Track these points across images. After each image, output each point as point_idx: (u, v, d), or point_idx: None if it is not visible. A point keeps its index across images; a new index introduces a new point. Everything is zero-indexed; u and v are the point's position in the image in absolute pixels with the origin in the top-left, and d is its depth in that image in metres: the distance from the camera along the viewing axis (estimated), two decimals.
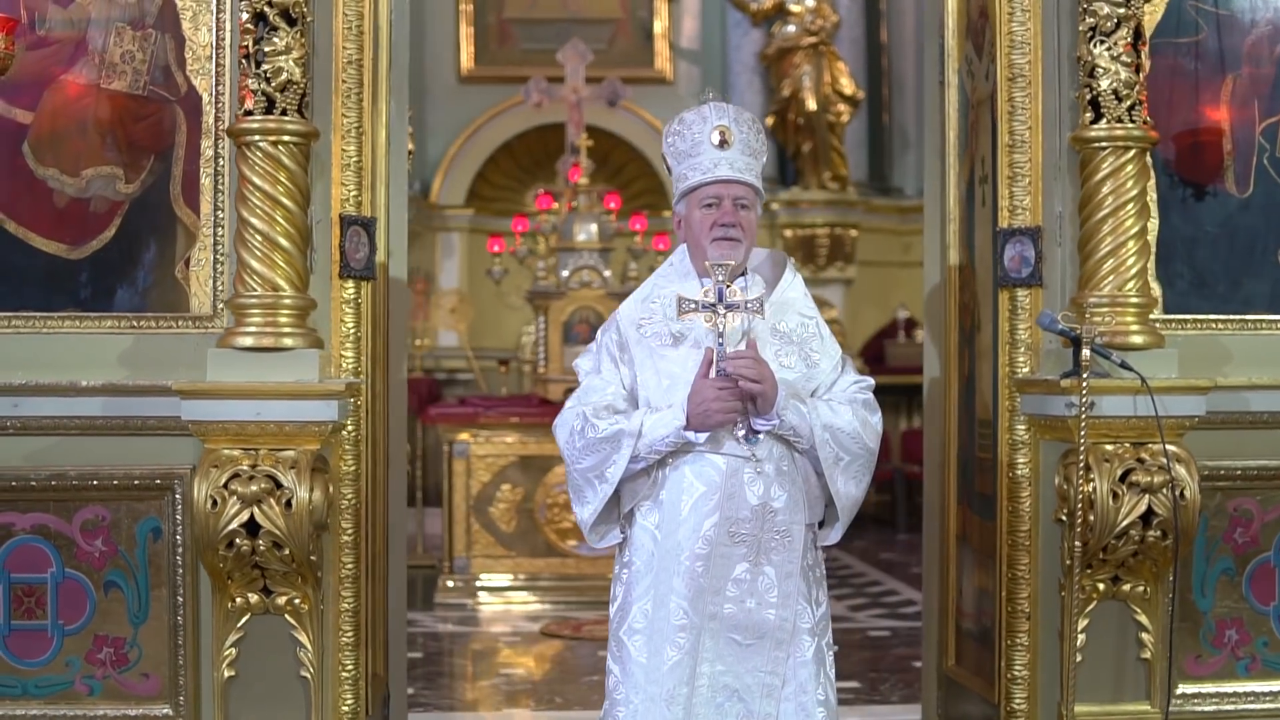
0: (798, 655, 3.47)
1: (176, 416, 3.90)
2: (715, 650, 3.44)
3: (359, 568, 4.12)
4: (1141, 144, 4.02)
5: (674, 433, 3.39)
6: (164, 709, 4.10)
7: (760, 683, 3.45)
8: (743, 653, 3.45)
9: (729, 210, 3.50)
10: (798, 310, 3.63)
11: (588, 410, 3.46)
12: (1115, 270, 3.99)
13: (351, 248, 4.06)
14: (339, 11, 4.08)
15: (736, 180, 3.52)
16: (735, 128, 3.53)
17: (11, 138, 4.21)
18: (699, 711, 3.43)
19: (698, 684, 3.43)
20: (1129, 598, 4.06)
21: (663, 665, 3.42)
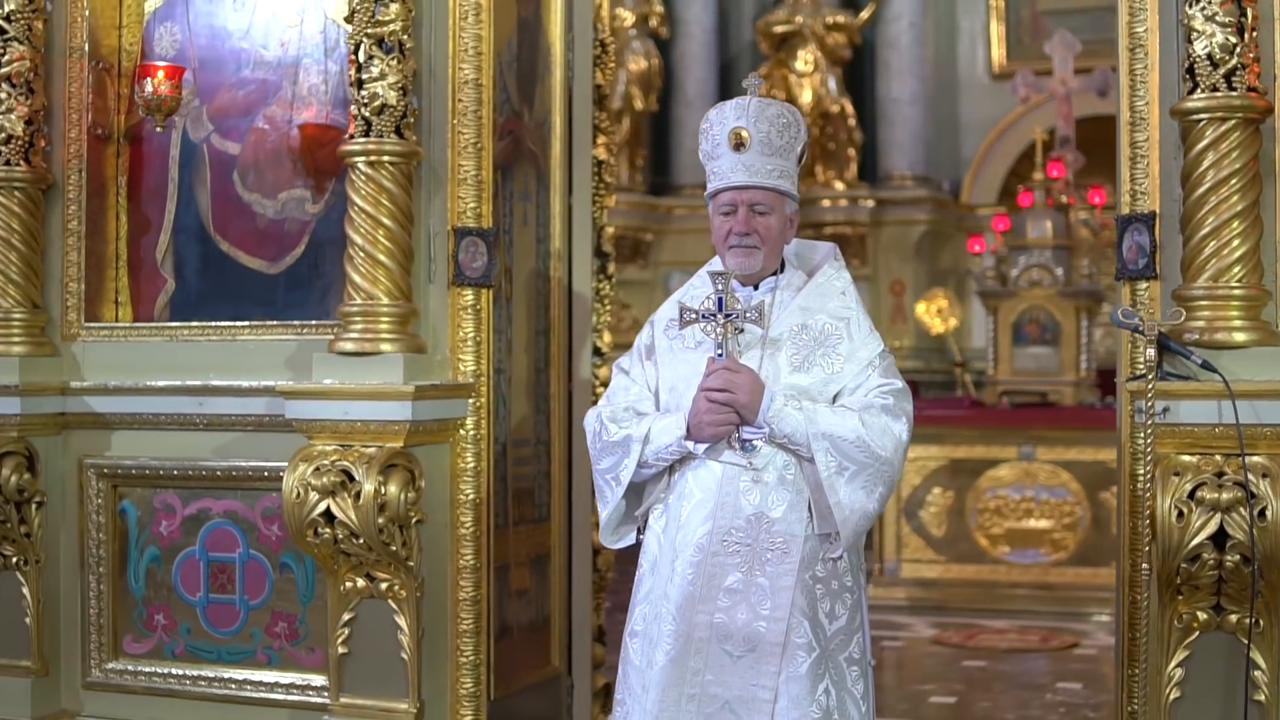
0: (790, 670, 3.59)
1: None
2: (705, 659, 3.63)
3: (480, 559, 4.62)
4: (1245, 114, 3.77)
5: (675, 441, 3.69)
6: (323, 680, 4.80)
7: (751, 695, 3.61)
8: (733, 664, 3.61)
9: (743, 219, 3.72)
10: (828, 310, 3.75)
11: (607, 412, 3.81)
12: (1216, 254, 3.85)
13: (467, 258, 4.60)
14: (453, 35, 4.61)
15: (753, 186, 3.69)
16: (753, 127, 3.71)
17: (224, 167, 5.14)
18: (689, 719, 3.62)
19: (688, 692, 3.63)
20: (1238, 630, 3.79)
21: (653, 671, 3.64)
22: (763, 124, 3.71)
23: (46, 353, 5.14)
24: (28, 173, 5.07)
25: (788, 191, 3.74)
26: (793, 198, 3.78)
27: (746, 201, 3.70)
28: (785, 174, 3.74)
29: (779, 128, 3.73)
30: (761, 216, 3.71)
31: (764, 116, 3.72)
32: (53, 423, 5.12)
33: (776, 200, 3.72)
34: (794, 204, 3.80)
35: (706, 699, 3.63)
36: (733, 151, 3.70)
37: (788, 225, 3.80)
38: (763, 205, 3.71)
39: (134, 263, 5.28)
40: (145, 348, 5.11)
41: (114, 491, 5.15)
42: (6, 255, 5.07)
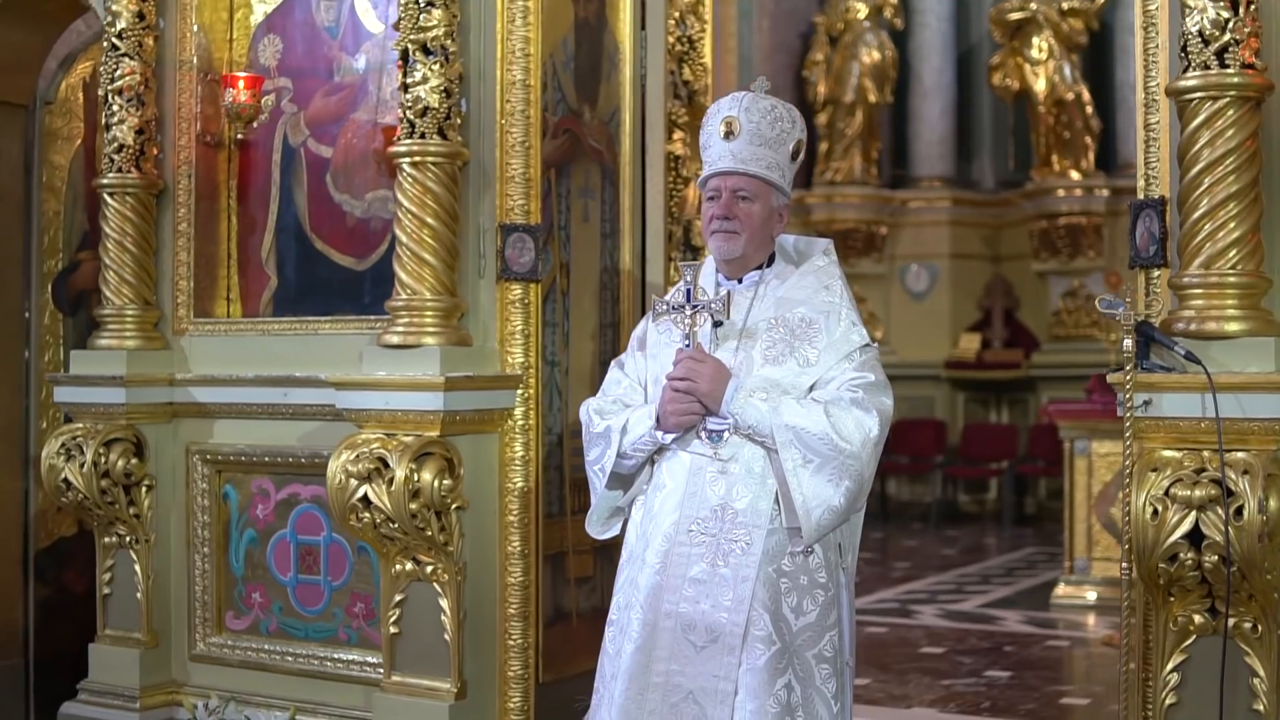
0: (749, 662, 3.63)
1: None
2: (670, 649, 3.70)
3: (528, 546, 4.78)
4: (1239, 91, 3.63)
5: (647, 432, 3.78)
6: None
7: (714, 687, 3.65)
8: (696, 655, 3.67)
9: (725, 203, 3.79)
10: (809, 303, 3.78)
11: (595, 404, 3.95)
12: (1211, 237, 3.72)
13: (514, 253, 4.77)
14: (501, 38, 4.79)
15: (737, 172, 3.76)
16: (744, 117, 3.79)
17: (318, 170, 5.44)
18: (653, 709, 3.70)
19: (653, 681, 3.71)
20: (1235, 634, 3.64)
21: (622, 659, 3.74)
22: (754, 114, 3.77)
23: (157, 346, 5.54)
24: (139, 179, 5.48)
25: (775, 182, 3.78)
26: (781, 190, 3.81)
27: (730, 187, 3.76)
28: (774, 165, 3.78)
29: (770, 120, 3.78)
30: (744, 202, 3.76)
31: (756, 108, 3.78)
32: (162, 412, 5.52)
33: (762, 189, 3.76)
34: (783, 197, 3.83)
35: (671, 689, 3.68)
36: (722, 140, 3.78)
37: (774, 216, 3.83)
38: (746, 192, 3.75)
39: (243, 261, 5.64)
40: (241, 341, 5.46)
41: (217, 476, 5.51)
42: (120, 256, 5.49)
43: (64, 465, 5.38)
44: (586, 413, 3.93)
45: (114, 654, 5.53)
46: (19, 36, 6.30)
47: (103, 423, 5.42)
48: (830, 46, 14.80)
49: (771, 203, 3.79)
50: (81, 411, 5.52)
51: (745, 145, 3.74)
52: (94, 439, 5.35)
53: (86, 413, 5.49)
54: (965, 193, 14.86)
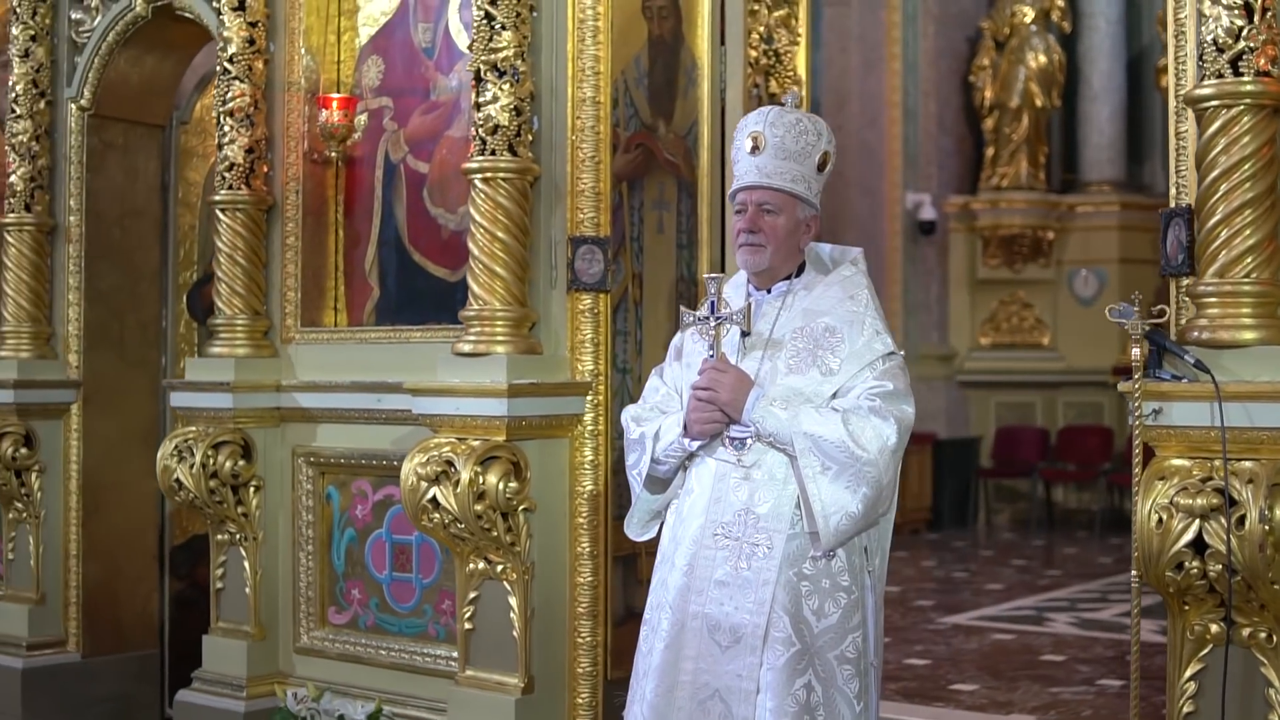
0: (770, 662, 3.75)
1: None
2: (697, 649, 3.85)
3: (597, 548, 4.99)
4: (1254, 99, 3.66)
5: (676, 439, 3.93)
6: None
7: (738, 686, 3.80)
8: (721, 654, 3.81)
9: (751, 217, 3.92)
10: (834, 313, 3.89)
11: (634, 411, 4.13)
12: (1226, 244, 3.74)
13: (584, 265, 4.98)
14: (572, 57, 5.00)
15: (761, 186, 3.89)
16: (769, 131, 3.91)
17: (416, 185, 5.72)
18: (682, 706, 3.86)
19: (681, 679, 3.86)
20: (1251, 644, 3.65)
21: (652, 658, 3.91)
22: (779, 129, 3.88)
23: (266, 354, 5.88)
24: (249, 196, 5.82)
25: (800, 195, 3.88)
26: (807, 202, 3.91)
27: (756, 201, 3.87)
28: (799, 179, 3.88)
29: (795, 134, 3.88)
30: (769, 215, 3.86)
31: (781, 122, 3.89)
32: (269, 416, 5.86)
33: (787, 202, 3.87)
34: (810, 209, 3.93)
35: (698, 687, 3.82)
36: (749, 154, 3.89)
37: (801, 228, 3.93)
38: (771, 205, 3.86)
39: (348, 273, 5.94)
40: (341, 350, 5.76)
41: (321, 478, 5.83)
42: (232, 269, 5.84)
43: (176, 466, 5.75)
44: (626, 420, 4.10)
45: (225, 645, 5.88)
46: (153, 62, 6.75)
47: (213, 426, 5.78)
48: (997, 51, 14.69)
49: (797, 215, 3.90)
50: (194, 415, 5.89)
51: (770, 159, 3.85)
52: (203, 441, 5.71)
53: (199, 416, 5.86)
54: (1135, 197, 14.62)
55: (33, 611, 6.61)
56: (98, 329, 6.74)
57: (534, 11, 5.08)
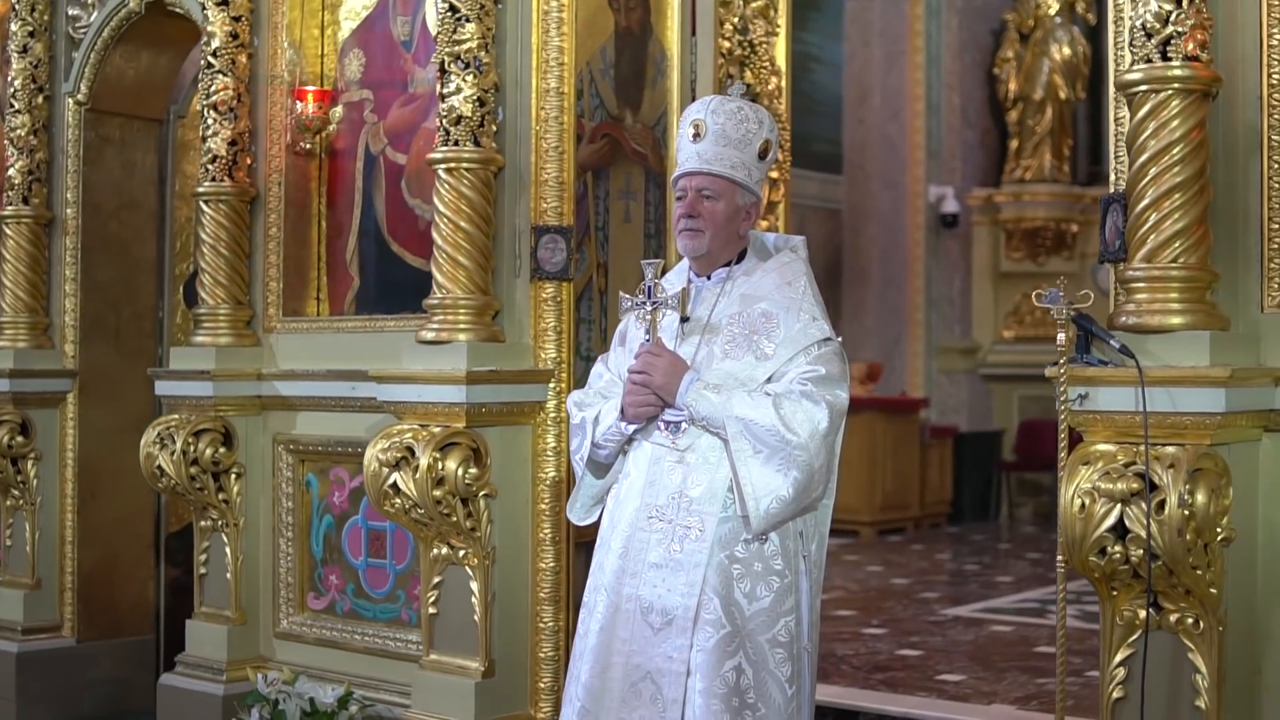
0: (700, 644, 3.77)
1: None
2: (631, 631, 3.87)
3: (559, 534, 5.01)
4: (1183, 84, 3.63)
5: (613, 423, 3.95)
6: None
7: (668, 667, 3.81)
8: (654, 636, 3.83)
9: (689, 202, 3.94)
10: (770, 298, 3.90)
11: (576, 397, 4.17)
12: (1156, 228, 3.72)
13: (547, 254, 5.01)
14: (536, 49, 5.03)
15: (701, 172, 3.91)
16: (711, 118, 3.93)
17: (395, 176, 5.79)
18: (615, 687, 3.87)
19: (614, 660, 3.89)
20: (1178, 629, 3.64)
21: (588, 639, 3.93)
22: (720, 116, 3.89)
23: (248, 343, 5.94)
24: (232, 187, 5.89)
25: (740, 181, 3.87)
26: (748, 189, 3.91)
27: (695, 187, 3.87)
28: (739, 165, 3.88)
29: (735, 121, 3.89)
30: (708, 201, 3.87)
31: (723, 110, 3.90)
32: (251, 404, 5.92)
33: (726, 188, 3.87)
34: (750, 195, 3.93)
35: (631, 669, 3.83)
36: (691, 142, 3.91)
37: (740, 214, 3.93)
38: (710, 191, 3.86)
39: (330, 263, 6.00)
40: (320, 339, 5.82)
41: (301, 465, 5.89)
42: (215, 260, 5.91)
43: (158, 453, 5.82)
44: (569, 405, 4.13)
45: (207, 630, 5.96)
46: (148, 58, 6.84)
47: (195, 414, 5.85)
48: (1021, 43, 14.58)
49: (737, 201, 3.90)
50: (177, 403, 5.96)
51: (710, 146, 3.86)
52: (184, 429, 5.78)
53: (181, 404, 5.94)
54: None
55: (29, 596, 6.72)
56: (94, 319, 6.84)
57: (499, 4, 5.11)
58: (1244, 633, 3.80)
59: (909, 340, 14.41)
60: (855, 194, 14.64)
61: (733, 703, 3.71)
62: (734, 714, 3.71)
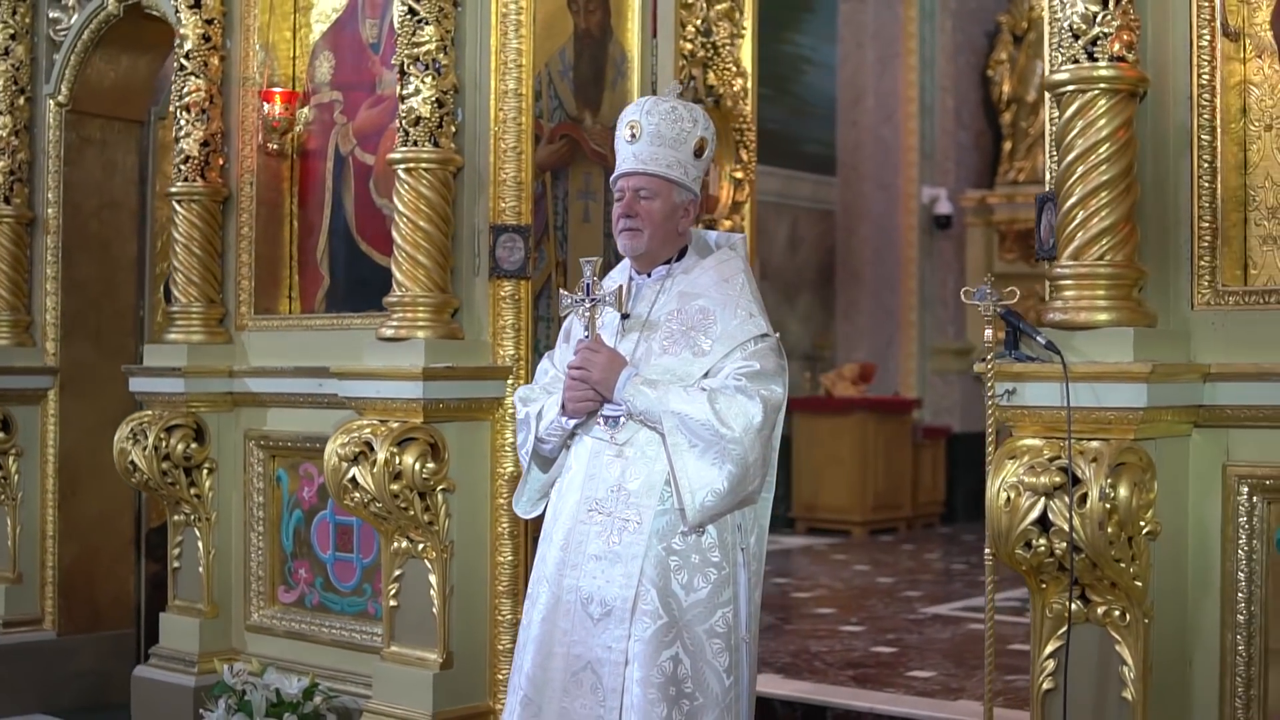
0: (637, 634, 3.82)
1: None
2: (571, 621, 3.93)
3: (518, 527, 5.07)
4: (1109, 84, 3.68)
5: (555, 417, 4.01)
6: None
7: (607, 657, 3.87)
8: (594, 626, 3.88)
9: (627, 202, 3.99)
10: (708, 295, 3.95)
11: (521, 393, 4.22)
12: (1083, 225, 3.76)
13: (505, 253, 5.07)
14: (495, 51, 5.09)
15: (637, 172, 3.97)
16: (645, 119, 3.98)
17: (363, 176, 5.85)
18: (557, 677, 3.93)
19: (556, 650, 3.94)
20: (1105, 622, 3.68)
21: (531, 629, 3.99)
22: (654, 117, 3.93)
23: (221, 341, 6.01)
24: (204, 188, 5.96)
25: (676, 179, 3.92)
26: (684, 186, 3.95)
27: (633, 187, 3.92)
28: (675, 164, 3.92)
29: (670, 121, 3.94)
30: (645, 200, 3.92)
31: (657, 111, 3.95)
32: (223, 400, 5.99)
33: (663, 186, 3.91)
34: (687, 193, 3.97)
35: (572, 659, 3.88)
36: (627, 143, 3.96)
37: (678, 212, 3.97)
38: (647, 190, 3.91)
39: (302, 261, 6.07)
40: (289, 336, 5.89)
41: (271, 460, 5.95)
42: (188, 259, 5.98)
43: (131, 448, 5.89)
44: (515, 400, 4.18)
45: (180, 622, 6.03)
46: (128, 61, 6.92)
47: (168, 410, 5.92)
48: (1015, 45, 14.61)
49: (674, 199, 3.94)
50: (150, 399, 6.03)
51: (646, 146, 3.91)
52: (156, 424, 5.85)
53: (154, 401, 6.01)
54: None
55: (10, 590, 6.80)
56: (75, 317, 6.92)
57: (457, 6, 5.17)
58: (1175, 625, 3.84)
59: (902, 341, 14.43)
60: (849, 195, 14.67)
61: (669, 691, 3.75)
62: (670, 703, 3.75)
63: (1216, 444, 3.84)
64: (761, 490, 3.96)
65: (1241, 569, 3.80)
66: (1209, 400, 3.82)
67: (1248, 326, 3.80)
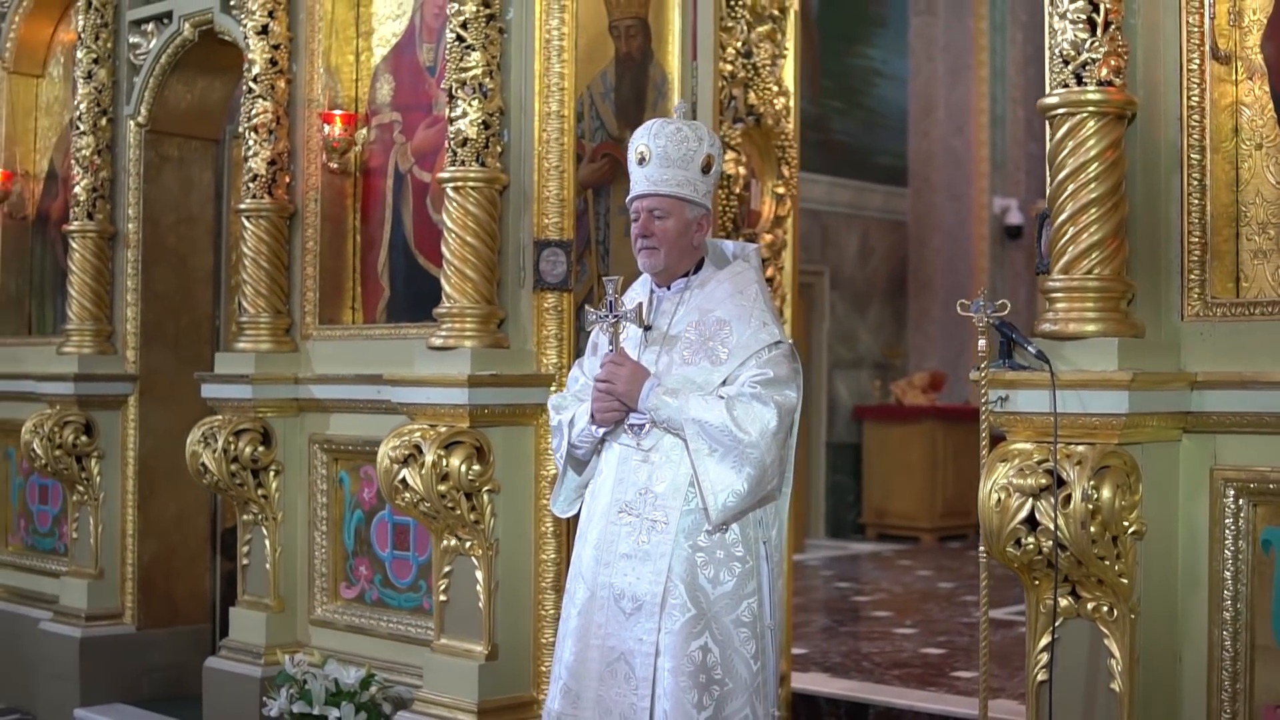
0: (667, 626, 4.09)
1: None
2: (606, 615, 4.20)
3: (560, 526, 5.36)
4: (1097, 107, 3.90)
5: (585, 426, 4.28)
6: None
7: (639, 649, 4.14)
8: (626, 620, 4.16)
9: (643, 223, 4.26)
10: (724, 307, 4.21)
11: (554, 401, 4.50)
12: (1074, 240, 3.98)
13: (548, 266, 5.36)
14: (539, 75, 5.39)
15: (650, 194, 4.24)
16: (653, 143, 4.24)
17: (421, 193, 6.17)
18: (594, 667, 4.21)
19: (592, 642, 4.22)
20: (1094, 617, 3.90)
21: (569, 624, 4.28)
22: (660, 139, 4.19)
23: (287, 349, 6.36)
24: (270, 204, 6.31)
25: (686, 197, 4.16)
26: (695, 203, 4.20)
27: (647, 208, 4.19)
28: (684, 183, 4.17)
29: (675, 142, 4.19)
30: (660, 220, 4.18)
31: (663, 133, 4.20)
32: (289, 406, 6.34)
33: (675, 205, 4.17)
34: (699, 209, 4.21)
35: (606, 650, 4.16)
36: (638, 166, 4.23)
37: (691, 227, 4.21)
38: (660, 210, 4.18)
39: (364, 274, 6.40)
40: (351, 345, 6.22)
41: (334, 463, 6.29)
42: (256, 271, 6.33)
43: (202, 451, 6.26)
44: (550, 407, 4.47)
45: (248, 616, 6.38)
46: (203, 83, 7.30)
47: (237, 415, 6.27)
48: None
49: (686, 216, 4.19)
50: (221, 405, 6.39)
51: (656, 169, 4.16)
52: (225, 428, 6.20)
53: (224, 406, 6.36)
54: None
55: (92, 586, 7.20)
56: (154, 327, 7.32)
57: (503, 33, 5.48)
58: (1165, 621, 4.04)
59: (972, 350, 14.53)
60: (920, 206, 14.84)
61: (699, 679, 4.00)
62: (701, 689, 4.00)
63: (1204, 449, 4.04)
64: (782, 487, 4.22)
65: (1228, 568, 4.00)
66: (1197, 407, 4.02)
67: (1235, 337, 4.00)
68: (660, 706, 4.02)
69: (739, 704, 4.06)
